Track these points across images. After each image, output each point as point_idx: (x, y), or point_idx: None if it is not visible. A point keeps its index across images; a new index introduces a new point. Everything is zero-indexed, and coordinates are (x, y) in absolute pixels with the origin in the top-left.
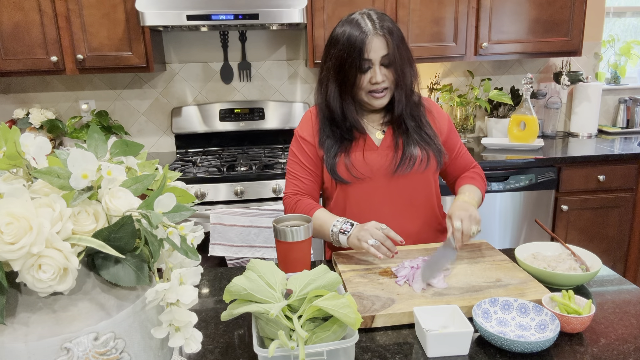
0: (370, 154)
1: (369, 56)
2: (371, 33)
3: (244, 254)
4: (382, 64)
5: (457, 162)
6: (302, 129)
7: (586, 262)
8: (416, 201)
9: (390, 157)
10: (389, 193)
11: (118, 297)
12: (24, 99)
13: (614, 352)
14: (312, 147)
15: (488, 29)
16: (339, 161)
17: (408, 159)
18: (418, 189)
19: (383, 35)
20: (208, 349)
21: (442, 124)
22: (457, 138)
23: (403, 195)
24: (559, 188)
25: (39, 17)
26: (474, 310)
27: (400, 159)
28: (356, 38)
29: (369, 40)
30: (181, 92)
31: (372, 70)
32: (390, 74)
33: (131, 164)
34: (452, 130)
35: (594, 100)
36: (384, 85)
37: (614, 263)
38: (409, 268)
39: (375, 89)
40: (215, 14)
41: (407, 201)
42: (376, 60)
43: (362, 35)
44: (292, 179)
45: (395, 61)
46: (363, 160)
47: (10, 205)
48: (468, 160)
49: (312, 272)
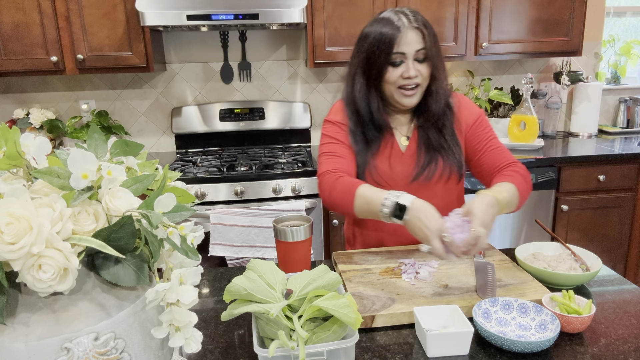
0: (395, 161)
1: (402, 49)
2: (406, 26)
3: (244, 254)
4: (416, 59)
5: (487, 158)
6: (335, 115)
7: (586, 262)
8: (442, 208)
9: (412, 165)
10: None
11: (118, 297)
12: (24, 99)
13: (614, 352)
14: (347, 134)
15: (488, 28)
16: (368, 164)
17: (428, 171)
18: (438, 196)
19: (418, 28)
20: (208, 349)
21: (468, 118)
22: (487, 133)
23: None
24: (559, 188)
25: (39, 17)
26: (474, 310)
27: (420, 170)
28: (389, 30)
29: (403, 32)
30: (181, 92)
31: (405, 64)
32: (424, 70)
33: (131, 164)
34: (482, 125)
35: (594, 100)
36: (417, 81)
37: (614, 263)
38: (409, 265)
39: (407, 84)
40: (215, 14)
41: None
42: (410, 54)
43: (395, 28)
44: (329, 158)
45: (431, 56)
46: (389, 167)
47: (11, 205)
48: (502, 157)
49: (312, 272)
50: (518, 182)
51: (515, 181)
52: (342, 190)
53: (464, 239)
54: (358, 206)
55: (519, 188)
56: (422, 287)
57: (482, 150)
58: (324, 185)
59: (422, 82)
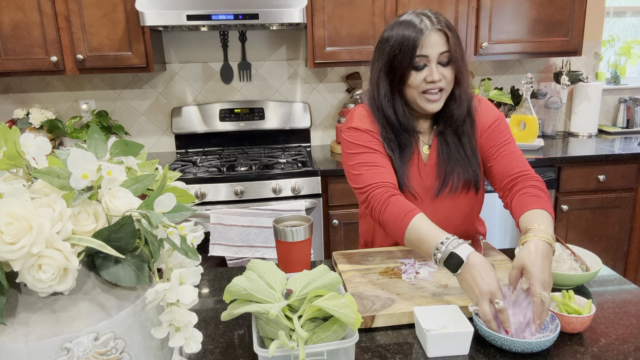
0: (419, 172)
1: (425, 52)
2: (429, 28)
3: (244, 254)
4: (439, 62)
5: (499, 164)
6: (362, 122)
7: (586, 262)
8: (455, 219)
9: (434, 177)
10: (430, 209)
11: (118, 297)
12: (24, 99)
13: (614, 352)
14: (380, 137)
15: (488, 28)
16: (403, 176)
17: (449, 185)
18: (458, 208)
19: (442, 30)
20: (208, 349)
21: (485, 121)
22: (503, 137)
23: (442, 213)
24: (559, 188)
25: (39, 17)
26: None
27: (442, 183)
28: (411, 32)
29: (426, 34)
30: (181, 92)
31: (428, 67)
32: (449, 74)
33: (131, 164)
34: (498, 129)
35: (594, 100)
36: (441, 85)
37: (614, 263)
38: (409, 265)
39: (430, 88)
40: (215, 14)
41: (445, 218)
42: (433, 57)
43: (418, 31)
44: (370, 169)
45: (455, 59)
46: (419, 177)
47: (10, 205)
48: (517, 163)
49: (312, 272)
50: (548, 206)
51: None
52: (395, 214)
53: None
54: (408, 238)
55: (551, 213)
56: (422, 287)
57: (494, 155)
58: (374, 203)
59: (446, 87)
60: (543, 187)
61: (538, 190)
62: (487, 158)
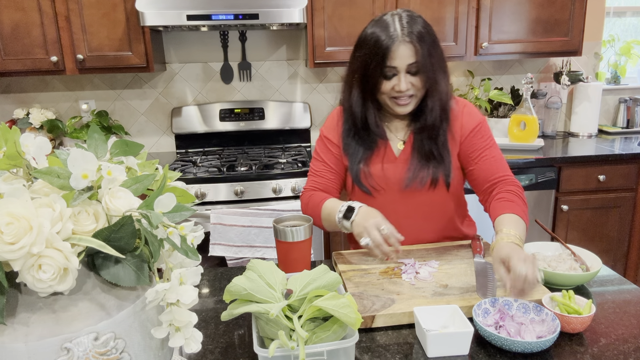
0: (388, 166)
1: (394, 63)
2: (398, 39)
3: (244, 254)
4: (408, 72)
5: (482, 168)
6: (327, 128)
7: (586, 262)
8: (432, 215)
9: (404, 170)
10: (405, 206)
11: (118, 297)
12: (24, 99)
13: (614, 352)
14: (337, 147)
15: (488, 28)
16: (361, 168)
17: (419, 179)
18: (433, 204)
19: (411, 42)
20: (208, 349)
21: (467, 125)
22: (485, 142)
23: (417, 209)
24: (559, 188)
25: (39, 17)
26: (474, 310)
27: (411, 176)
28: (382, 43)
29: (395, 46)
30: (181, 92)
31: (396, 77)
32: (418, 82)
33: (131, 164)
34: (480, 133)
35: (594, 100)
36: (409, 94)
37: (614, 263)
38: (409, 265)
39: (400, 96)
40: (215, 14)
41: (422, 215)
42: (402, 68)
43: (388, 40)
44: (312, 176)
45: (424, 69)
46: (382, 171)
47: (11, 205)
48: (496, 168)
49: (312, 272)
50: (522, 210)
51: (519, 210)
52: (313, 206)
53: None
54: (324, 219)
55: (525, 217)
56: (422, 287)
57: (476, 160)
58: (301, 203)
59: (416, 93)
60: (519, 191)
61: (513, 195)
62: (468, 162)
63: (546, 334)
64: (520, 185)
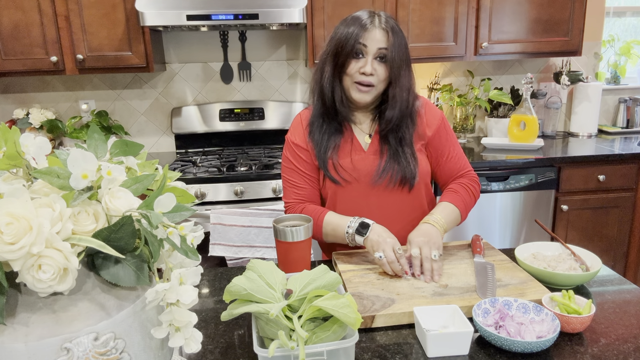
0: (358, 157)
1: (366, 42)
2: (375, 24)
3: (244, 254)
4: (376, 57)
5: (446, 167)
6: (293, 134)
7: (586, 262)
8: (404, 208)
9: (374, 165)
10: (377, 198)
11: (118, 297)
12: (24, 99)
13: (614, 352)
14: (306, 151)
15: (488, 28)
16: (329, 157)
17: (388, 174)
18: (403, 197)
19: (386, 30)
20: (208, 349)
21: (431, 124)
22: (449, 141)
23: (389, 202)
24: (559, 188)
25: (39, 17)
26: (474, 310)
27: (381, 171)
28: (361, 21)
29: (371, 27)
30: (181, 92)
31: (364, 59)
32: (382, 71)
33: (131, 164)
34: (443, 132)
35: (594, 100)
36: (371, 81)
37: (614, 263)
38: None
39: (362, 80)
40: (215, 14)
41: (395, 207)
42: (371, 50)
43: (367, 21)
44: (291, 187)
45: (392, 59)
46: (351, 162)
47: (10, 205)
48: (459, 165)
49: (312, 272)
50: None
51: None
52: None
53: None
54: (325, 232)
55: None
56: (422, 287)
57: (440, 159)
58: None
59: (377, 84)
60: (469, 184)
61: (459, 186)
62: (436, 163)
63: (546, 334)
64: (475, 178)
